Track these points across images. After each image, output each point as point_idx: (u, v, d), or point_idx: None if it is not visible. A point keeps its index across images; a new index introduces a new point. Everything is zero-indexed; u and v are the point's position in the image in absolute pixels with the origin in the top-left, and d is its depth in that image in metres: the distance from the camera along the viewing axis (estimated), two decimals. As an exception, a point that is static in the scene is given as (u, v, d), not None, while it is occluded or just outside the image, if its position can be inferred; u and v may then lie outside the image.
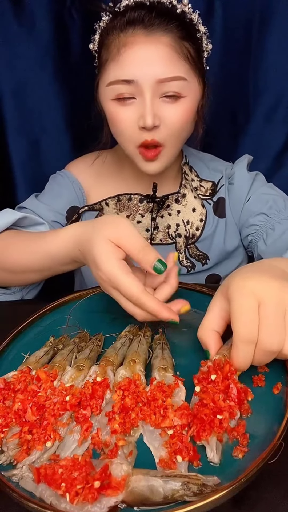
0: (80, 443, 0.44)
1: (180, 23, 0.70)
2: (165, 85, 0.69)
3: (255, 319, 0.43)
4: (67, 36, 0.95)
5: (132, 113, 0.72)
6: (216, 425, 0.42)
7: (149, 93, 0.69)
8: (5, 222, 0.76)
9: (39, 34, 0.93)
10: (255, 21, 0.93)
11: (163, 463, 0.41)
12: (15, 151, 1.02)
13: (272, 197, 0.85)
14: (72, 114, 1.01)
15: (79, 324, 0.63)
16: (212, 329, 0.49)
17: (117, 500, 0.37)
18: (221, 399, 0.44)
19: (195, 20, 0.72)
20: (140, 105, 0.71)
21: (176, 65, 0.69)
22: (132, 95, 0.71)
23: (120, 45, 0.69)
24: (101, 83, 0.74)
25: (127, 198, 0.87)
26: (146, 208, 0.87)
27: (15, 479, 0.40)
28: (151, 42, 0.68)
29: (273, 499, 0.40)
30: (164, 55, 0.68)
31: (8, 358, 0.57)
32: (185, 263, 0.89)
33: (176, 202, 0.88)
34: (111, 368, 0.52)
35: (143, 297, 0.52)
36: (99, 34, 0.75)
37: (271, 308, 0.42)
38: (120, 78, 0.70)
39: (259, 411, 0.46)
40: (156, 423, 0.44)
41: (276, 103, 1.01)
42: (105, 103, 0.74)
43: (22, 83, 0.96)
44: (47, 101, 0.99)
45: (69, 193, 0.89)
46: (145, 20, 0.68)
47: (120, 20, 0.69)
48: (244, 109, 1.03)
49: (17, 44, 0.93)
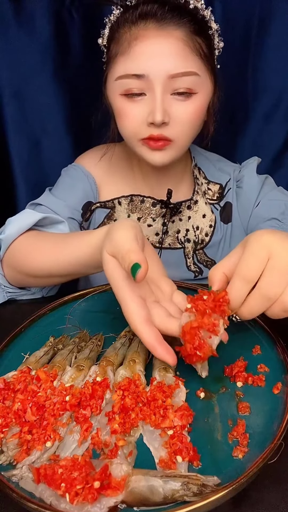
0: (80, 443, 0.44)
1: (192, 18, 0.68)
2: (176, 80, 0.67)
3: (259, 265, 0.44)
4: (67, 36, 0.95)
5: (141, 110, 0.70)
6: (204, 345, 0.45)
7: (159, 89, 0.67)
8: (26, 224, 0.73)
9: (39, 34, 0.93)
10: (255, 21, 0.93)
11: (163, 464, 0.41)
12: (15, 152, 1.02)
13: (284, 202, 0.83)
14: (72, 114, 1.01)
15: (79, 324, 0.63)
16: (222, 271, 0.49)
17: (117, 500, 0.37)
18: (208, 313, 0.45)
19: (208, 17, 0.71)
20: (150, 101, 0.69)
21: (189, 60, 0.68)
22: (142, 91, 0.69)
23: (131, 39, 0.68)
24: (110, 77, 0.72)
25: (140, 200, 0.85)
26: (158, 212, 0.86)
27: (15, 479, 0.40)
28: (163, 36, 0.67)
29: (273, 499, 0.40)
30: (177, 50, 0.67)
31: (8, 358, 0.57)
32: (193, 268, 0.88)
33: (188, 208, 0.87)
34: (111, 368, 0.52)
35: (139, 328, 0.48)
36: (109, 29, 0.73)
37: (279, 264, 0.43)
38: (130, 72, 0.68)
39: (259, 411, 0.46)
40: (156, 424, 0.44)
41: (275, 103, 1.01)
42: (113, 98, 0.73)
43: (22, 83, 0.96)
44: (47, 101, 0.99)
45: (84, 186, 0.86)
46: (158, 14, 0.66)
47: (132, 14, 0.68)
48: (243, 109, 1.03)
49: (17, 44, 0.93)
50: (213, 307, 0.46)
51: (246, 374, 0.50)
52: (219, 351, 0.54)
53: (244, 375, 0.50)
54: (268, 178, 0.89)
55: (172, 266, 0.84)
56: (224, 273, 0.49)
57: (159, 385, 0.48)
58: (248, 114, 1.03)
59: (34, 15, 0.92)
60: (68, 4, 0.92)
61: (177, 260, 0.87)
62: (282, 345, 0.53)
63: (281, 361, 0.51)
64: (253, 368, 0.51)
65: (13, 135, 1.00)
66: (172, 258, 0.87)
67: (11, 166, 1.03)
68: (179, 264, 0.87)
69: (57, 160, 0.99)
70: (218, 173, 0.90)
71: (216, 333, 0.46)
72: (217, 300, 0.46)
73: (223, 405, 0.47)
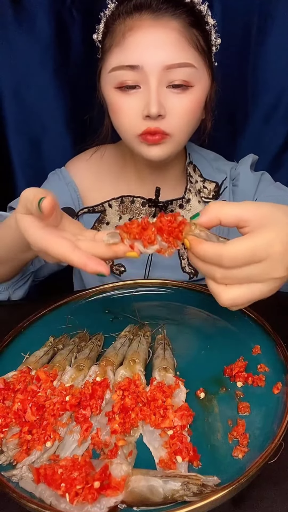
0: (80, 443, 0.44)
1: (188, 9, 0.67)
2: (172, 72, 0.65)
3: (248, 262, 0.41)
4: (67, 36, 0.95)
5: (136, 103, 0.68)
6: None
7: (154, 80, 0.65)
8: None
9: (39, 34, 0.93)
10: (255, 21, 0.93)
11: (163, 464, 0.41)
12: (15, 151, 1.02)
13: (281, 198, 0.81)
14: (72, 113, 1.01)
15: (79, 324, 0.63)
16: (218, 215, 0.44)
17: (117, 501, 0.37)
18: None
19: (204, 12, 0.70)
20: (145, 94, 0.67)
21: (185, 51, 0.66)
22: (136, 83, 0.67)
23: (125, 30, 0.66)
24: (104, 70, 0.70)
25: (130, 200, 0.84)
26: (148, 212, 0.84)
27: (15, 479, 0.40)
28: (159, 26, 0.65)
29: (273, 499, 0.40)
30: (172, 40, 0.65)
31: (8, 358, 0.57)
32: (188, 270, 0.86)
33: (180, 207, 0.85)
34: (111, 368, 0.52)
35: (67, 254, 0.46)
36: (104, 23, 0.72)
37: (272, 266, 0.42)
38: (124, 63, 0.66)
39: (259, 411, 0.46)
40: (156, 424, 0.44)
41: (275, 103, 1.01)
42: (107, 91, 0.71)
43: (22, 83, 0.96)
44: (47, 101, 0.99)
45: (62, 195, 0.85)
46: (153, 5, 0.65)
47: (126, 5, 0.67)
48: (243, 109, 1.03)
49: (17, 43, 0.93)
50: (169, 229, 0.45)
51: (246, 374, 0.50)
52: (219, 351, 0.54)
53: (244, 375, 0.50)
54: (265, 175, 0.87)
55: (166, 269, 0.83)
56: (218, 218, 0.44)
57: (159, 385, 0.48)
58: (248, 114, 1.03)
59: (35, 15, 0.92)
60: (69, 3, 0.92)
61: (171, 262, 0.85)
62: (282, 345, 0.53)
63: (281, 361, 0.51)
64: (253, 368, 0.52)
65: (13, 134, 1.00)
66: (166, 260, 0.84)
67: (11, 165, 1.03)
68: (174, 266, 0.86)
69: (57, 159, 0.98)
70: (214, 171, 0.89)
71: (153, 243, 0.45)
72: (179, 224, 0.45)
73: (223, 405, 0.47)
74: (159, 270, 0.82)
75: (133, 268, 0.83)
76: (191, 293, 0.67)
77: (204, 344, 0.57)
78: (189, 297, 0.66)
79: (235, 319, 0.60)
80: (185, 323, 0.62)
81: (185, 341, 0.58)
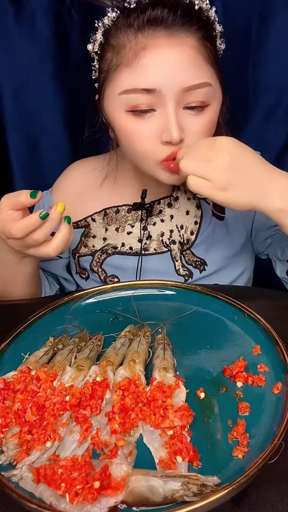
0: (80, 443, 0.44)
1: (200, 20, 0.63)
2: (190, 93, 0.62)
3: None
4: (67, 36, 0.95)
5: (152, 127, 0.64)
6: None
7: (172, 103, 0.62)
8: None
9: (39, 34, 0.93)
10: (255, 20, 0.93)
11: (163, 464, 0.41)
12: (14, 151, 1.02)
13: None
14: (71, 115, 1.01)
15: (79, 324, 0.63)
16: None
17: (117, 501, 0.37)
18: None
19: (212, 18, 0.66)
20: (161, 118, 0.63)
21: (202, 70, 0.63)
22: (151, 107, 0.63)
23: (137, 48, 0.61)
24: (110, 91, 0.66)
25: (114, 211, 0.82)
26: (135, 217, 0.82)
27: (15, 479, 0.40)
28: (175, 45, 0.61)
29: (273, 499, 0.40)
30: (190, 60, 0.61)
31: (8, 358, 0.57)
32: (182, 272, 0.84)
33: (169, 206, 0.82)
34: (111, 368, 0.52)
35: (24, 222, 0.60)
36: (102, 34, 0.66)
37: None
38: (139, 86, 0.61)
39: (259, 411, 0.46)
40: (156, 424, 0.44)
41: (276, 103, 1.00)
42: (116, 114, 0.66)
43: (21, 83, 0.96)
44: (46, 101, 0.99)
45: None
46: (169, 20, 0.60)
47: (137, 19, 0.61)
48: (244, 109, 1.03)
49: (17, 44, 0.93)
50: None
51: (246, 374, 0.50)
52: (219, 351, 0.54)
53: (244, 375, 0.50)
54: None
55: (160, 273, 0.81)
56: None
57: (159, 385, 0.48)
58: (249, 113, 1.03)
59: (34, 15, 0.92)
60: (68, 4, 0.92)
61: (165, 266, 0.84)
62: (282, 345, 0.53)
63: (281, 361, 0.51)
64: (253, 368, 0.52)
65: (12, 134, 1.00)
66: (159, 264, 0.83)
67: (10, 165, 1.03)
68: (168, 270, 0.84)
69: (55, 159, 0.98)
70: None
71: None
72: None
73: (223, 405, 0.47)
74: (154, 275, 0.80)
75: (126, 278, 0.82)
76: (191, 293, 0.67)
77: (204, 344, 0.57)
78: (189, 297, 0.66)
79: (235, 319, 0.60)
80: (185, 323, 0.62)
81: (185, 341, 0.58)
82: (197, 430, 0.45)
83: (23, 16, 0.91)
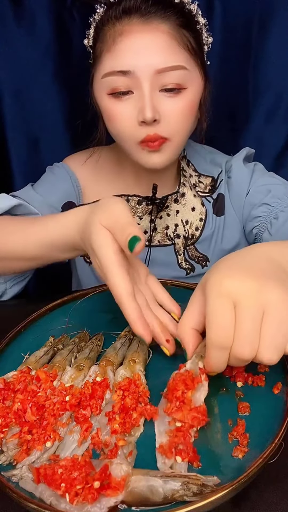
0: (80, 443, 0.44)
1: (178, 11, 0.67)
2: (164, 75, 0.66)
3: (229, 324, 0.39)
4: (67, 36, 0.95)
5: (130, 109, 0.68)
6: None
7: (147, 85, 0.65)
8: (0, 207, 0.72)
9: (39, 34, 0.93)
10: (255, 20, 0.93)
11: (161, 449, 0.41)
12: (14, 149, 1.02)
13: (272, 186, 0.81)
14: (71, 114, 1.01)
15: (79, 324, 0.63)
16: (190, 327, 0.46)
17: (117, 501, 0.37)
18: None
19: (194, 11, 0.70)
20: (138, 99, 0.67)
21: (176, 54, 0.66)
22: (129, 89, 0.67)
23: (115, 35, 0.66)
24: (96, 76, 0.70)
25: (125, 199, 0.84)
26: (144, 210, 0.84)
27: (14, 479, 0.40)
28: (149, 31, 0.65)
29: (273, 499, 0.40)
30: (163, 44, 0.65)
31: (8, 358, 0.57)
32: (184, 266, 0.86)
33: (175, 202, 0.85)
34: (111, 368, 0.52)
35: (123, 300, 0.49)
36: (94, 28, 0.72)
37: (247, 311, 0.39)
38: (115, 69, 0.66)
39: (259, 411, 0.46)
40: (169, 412, 0.43)
41: (276, 102, 1.01)
42: (100, 97, 0.71)
43: (22, 83, 0.96)
44: (47, 101, 0.99)
45: (66, 187, 0.85)
46: (142, 8, 0.65)
47: (115, 10, 0.66)
48: (244, 108, 1.03)
49: (17, 44, 0.93)
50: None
51: (246, 374, 0.50)
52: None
53: (244, 375, 0.50)
54: (257, 165, 0.87)
55: (162, 265, 0.83)
56: (192, 328, 0.46)
57: (185, 374, 0.45)
58: (250, 113, 1.03)
59: (35, 16, 0.92)
60: (69, 4, 0.92)
61: (167, 258, 0.86)
62: (282, 345, 0.53)
63: (281, 361, 0.51)
64: (253, 368, 0.51)
65: (12, 134, 1.00)
66: (162, 256, 0.86)
67: (10, 164, 1.03)
68: (170, 262, 0.86)
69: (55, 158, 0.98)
70: (209, 165, 0.89)
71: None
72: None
73: (223, 405, 0.47)
74: (156, 266, 0.83)
75: None
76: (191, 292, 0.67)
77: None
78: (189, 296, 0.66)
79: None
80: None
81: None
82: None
83: (24, 16, 0.92)
